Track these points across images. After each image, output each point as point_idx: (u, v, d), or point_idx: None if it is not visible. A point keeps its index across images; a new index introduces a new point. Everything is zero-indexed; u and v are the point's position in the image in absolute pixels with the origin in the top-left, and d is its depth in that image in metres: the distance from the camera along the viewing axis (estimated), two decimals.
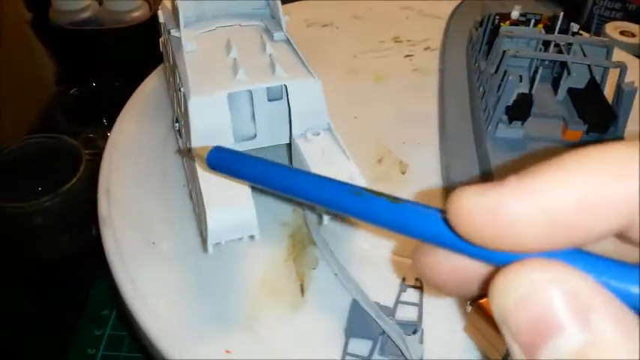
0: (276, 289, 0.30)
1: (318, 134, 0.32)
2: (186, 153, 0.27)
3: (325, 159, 0.31)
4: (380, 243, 0.33)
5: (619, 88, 0.34)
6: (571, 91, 0.39)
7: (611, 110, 0.35)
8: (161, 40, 0.42)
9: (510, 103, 0.35)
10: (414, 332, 0.26)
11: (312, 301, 0.30)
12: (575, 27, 0.42)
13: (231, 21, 0.37)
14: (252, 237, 0.28)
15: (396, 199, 0.15)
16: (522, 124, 0.36)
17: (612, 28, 0.68)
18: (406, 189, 0.37)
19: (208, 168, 0.22)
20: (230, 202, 0.27)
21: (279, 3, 0.36)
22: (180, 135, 0.36)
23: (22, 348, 0.43)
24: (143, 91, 0.44)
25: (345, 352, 0.27)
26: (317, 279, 0.31)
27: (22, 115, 0.62)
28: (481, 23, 0.44)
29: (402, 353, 0.26)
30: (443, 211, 0.14)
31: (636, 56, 0.53)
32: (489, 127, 0.36)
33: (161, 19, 0.39)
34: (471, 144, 0.39)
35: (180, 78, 0.33)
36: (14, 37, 0.70)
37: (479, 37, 0.44)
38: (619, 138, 0.36)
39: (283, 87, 0.32)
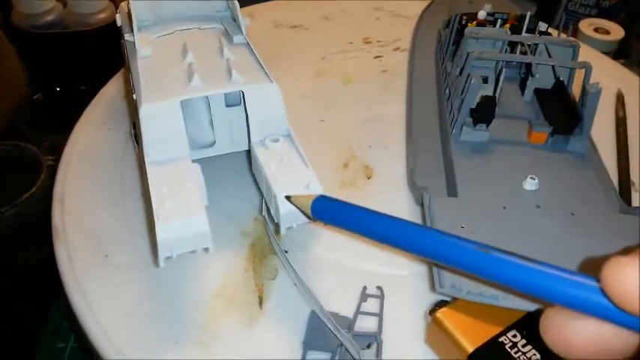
0: (234, 301, 0.29)
1: (277, 141, 0.31)
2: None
3: (283, 167, 0.30)
4: (342, 252, 0.32)
5: (584, 90, 0.34)
6: (538, 92, 0.39)
7: (577, 111, 0.35)
8: (122, 43, 0.41)
9: (474, 105, 0.35)
10: (369, 346, 0.26)
11: (270, 313, 0.29)
12: (543, 26, 0.42)
13: (190, 24, 0.36)
14: (206, 249, 0.27)
15: (530, 260, 0.15)
16: (487, 126, 0.35)
17: (586, 25, 0.68)
18: (371, 194, 0.36)
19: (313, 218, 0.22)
20: (182, 214, 0.26)
21: (237, 5, 0.35)
22: (137, 142, 0.35)
23: None
24: (102, 97, 0.43)
25: None
26: (277, 290, 0.30)
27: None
28: (448, 24, 0.44)
29: None
30: (595, 280, 0.14)
31: (607, 53, 0.53)
32: (454, 131, 0.36)
33: (119, 23, 0.38)
34: (437, 148, 0.38)
35: (134, 84, 0.32)
36: None
37: (446, 38, 0.43)
38: (584, 140, 0.35)
39: (241, 93, 0.31)
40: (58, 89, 0.54)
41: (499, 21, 0.41)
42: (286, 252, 0.32)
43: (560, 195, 0.32)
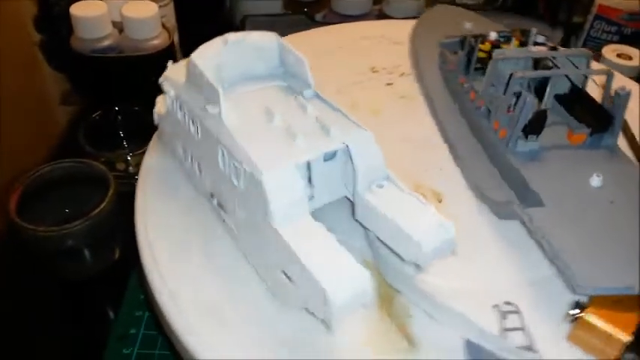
0: (384, 347, 0.30)
1: (382, 186, 0.33)
2: None
3: (404, 209, 0.31)
4: (457, 276, 0.34)
5: (616, 93, 0.39)
6: (558, 97, 0.44)
7: (605, 110, 0.40)
8: (157, 111, 0.41)
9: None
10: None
11: (423, 348, 0.30)
12: (541, 38, 0.47)
13: (251, 85, 0.36)
14: (364, 305, 0.28)
15: None
16: (537, 137, 0.39)
17: (610, 51, 0.70)
18: (451, 215, 0.38)
19: None
20: (344, 274, 0.27)
21: (305, 62, 0.36)
22: (225, 210, 0.35)
23: None
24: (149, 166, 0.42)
25: None
26: (418, 325, 0.31)
27: (39, 137, 0.66)
28: (462, 45, 0.47)
29: None
30: None
31: (630, 78, 0.58)
32: (509, 144, 0.39)
33: (171, 92, 0.37)
34: (484, 161, 0.41)
35: (230, 154, 0.32)
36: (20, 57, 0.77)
37: (461, 60, 0.47)
38: (615, 136, 0.40)
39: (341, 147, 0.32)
40: (116, 109, 0.58)
41: (512, 39, 0.45)
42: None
43: (622, 187, 0.36)
